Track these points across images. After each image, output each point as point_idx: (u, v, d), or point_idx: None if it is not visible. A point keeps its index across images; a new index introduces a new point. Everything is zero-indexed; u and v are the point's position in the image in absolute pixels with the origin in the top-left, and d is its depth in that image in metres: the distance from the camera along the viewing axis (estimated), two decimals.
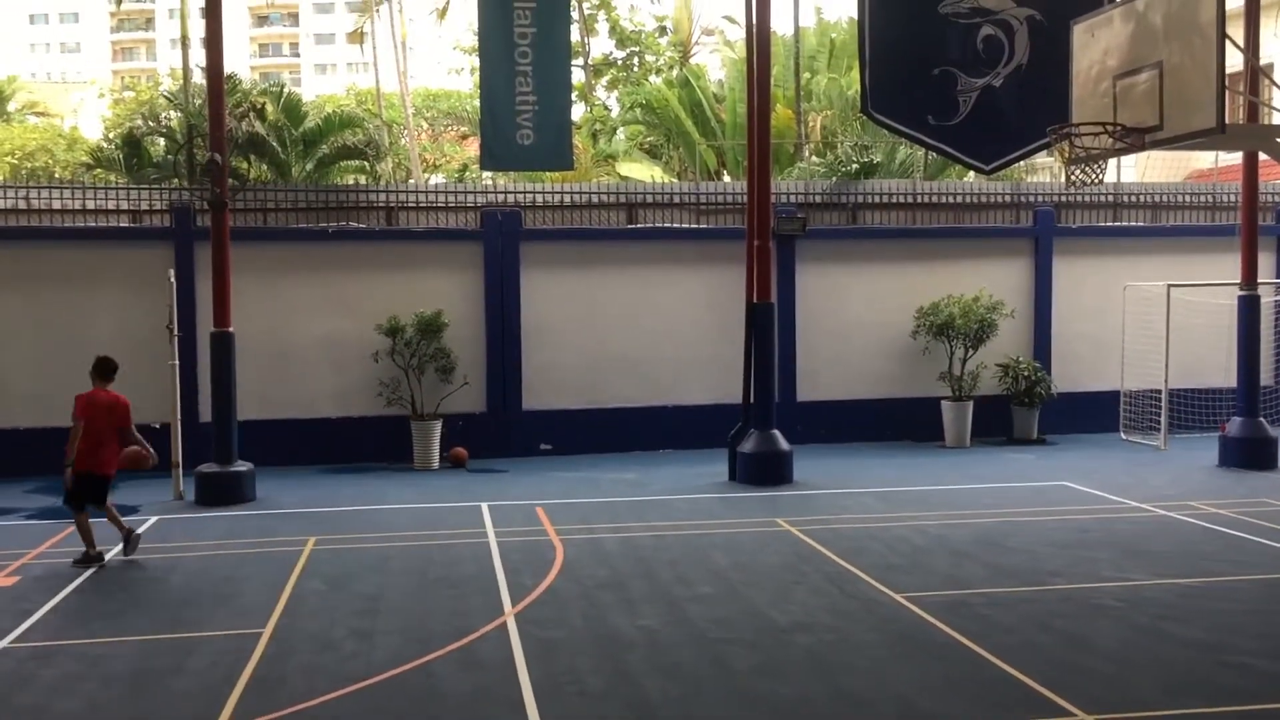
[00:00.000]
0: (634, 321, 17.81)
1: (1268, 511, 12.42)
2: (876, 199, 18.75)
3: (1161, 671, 7.40)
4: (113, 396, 10.87)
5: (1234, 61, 11.70)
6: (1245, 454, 15.32)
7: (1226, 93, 9.99)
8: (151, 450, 11.04)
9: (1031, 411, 18.20)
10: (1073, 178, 11.50)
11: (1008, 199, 19.15)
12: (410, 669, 7.58)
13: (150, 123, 23.03)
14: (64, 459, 10.58)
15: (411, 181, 28.94)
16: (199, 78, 22.92)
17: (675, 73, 36.42)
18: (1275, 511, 12.43)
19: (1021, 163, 19.52)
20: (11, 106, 48.96)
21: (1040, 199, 19.23)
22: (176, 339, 14.44)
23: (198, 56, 22.54)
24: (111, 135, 34.67)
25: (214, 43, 14.08)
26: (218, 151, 14.00)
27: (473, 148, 39.89)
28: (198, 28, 24.65)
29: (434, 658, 7.79)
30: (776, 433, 14.89)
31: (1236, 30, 11.68)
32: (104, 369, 10.96)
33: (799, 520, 12.22)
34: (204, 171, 14.68)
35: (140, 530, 12.20)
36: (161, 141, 22.52)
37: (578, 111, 35.17)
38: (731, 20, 39.10)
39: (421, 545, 11.37)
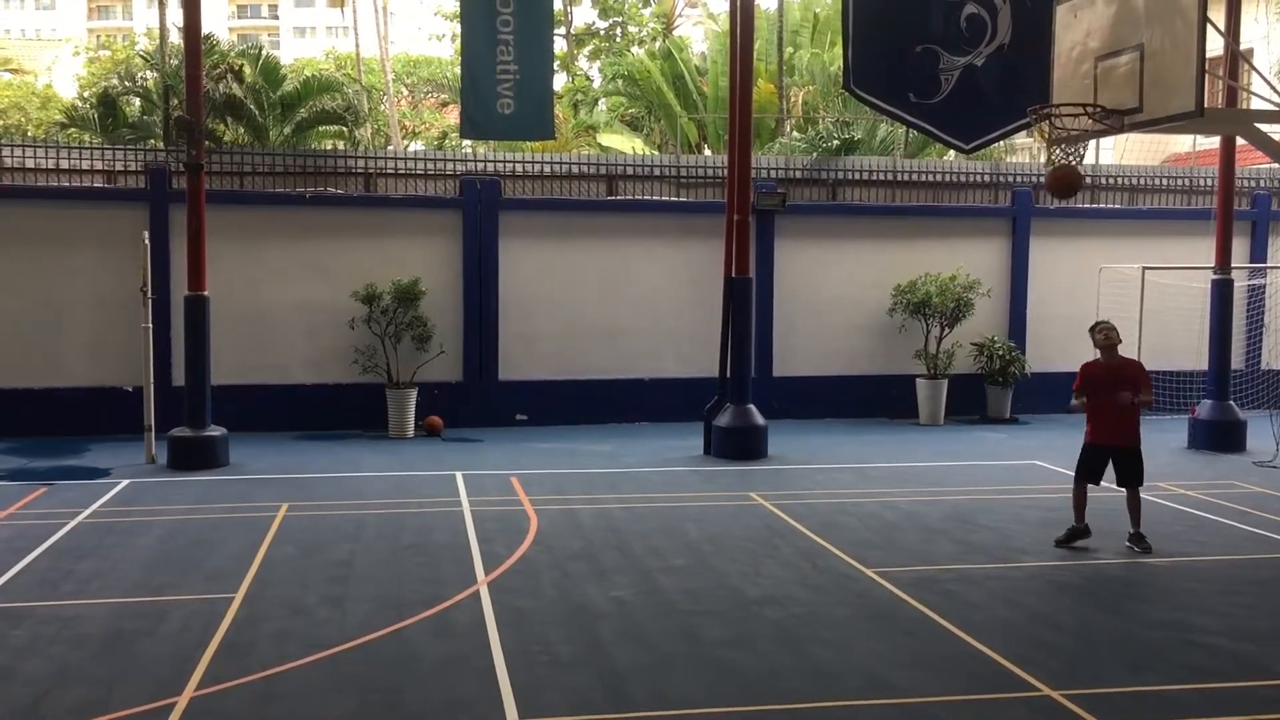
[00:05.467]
0: (612, 293, 17.79)
1: (1234, 494, 12.58)
2: (856, 176, 18.77)
3: (1125, 649, 7.49)
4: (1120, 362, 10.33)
5: (1214, 46, 11.75)
6: (1214, 436, 15.49)
7: (1206, 77, 10.04)
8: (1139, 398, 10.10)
9: (1005, 391, 18.32)
10: (1052, 158, 11.53)
11: (987, 179, 19.20)
12: (382, 636, 7.59)
13: (126, 82, 22.75)
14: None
15: (390, 148, 28.77)
16: (176, 37, 22.61)
17: (658, 44, 36.21)
18: (1242, 493, 12.59)
19: (1001, 143, 19.54)
20: None
21: (1019, 179, 19.29)
22: (150, 301, 14.34)
23: (174, 16, 22.24)
24: (86, 94, 34.26)
25: (191, 2, 13.89)
26: (194, 113, 13.85)
27: (453, 115, 39.66)
28: None
29: (406, 625, 7.81)
30: (752, 407, 14.93)
31: (1218, 14, 11.71)
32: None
33: (772, 494, 12.28)
34: (177, 131, 14.51)
35: (112, 493, 12.18)
36: (137, 102, 22.25)
37: (559, 81, 34.99)
38: None
39: (395, 513, 11.37)
